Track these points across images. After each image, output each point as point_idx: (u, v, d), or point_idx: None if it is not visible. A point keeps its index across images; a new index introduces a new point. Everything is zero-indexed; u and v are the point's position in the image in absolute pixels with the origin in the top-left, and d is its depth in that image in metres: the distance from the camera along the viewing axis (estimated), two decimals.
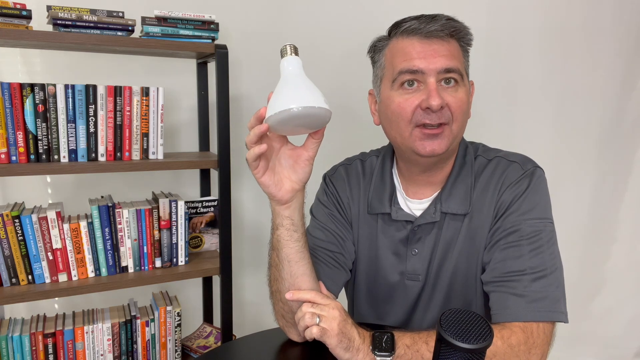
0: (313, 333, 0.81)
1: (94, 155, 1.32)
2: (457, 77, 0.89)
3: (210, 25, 1.40)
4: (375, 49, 0.98)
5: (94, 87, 1.29)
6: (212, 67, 1.54)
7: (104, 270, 1.37)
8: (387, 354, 0.79)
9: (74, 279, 1.34)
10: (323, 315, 0.82)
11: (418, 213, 0.98)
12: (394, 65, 0.91)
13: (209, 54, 1.44)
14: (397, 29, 0.92)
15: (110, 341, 1.38)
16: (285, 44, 0.78)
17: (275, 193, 0.82)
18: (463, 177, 0.96)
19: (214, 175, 1.66)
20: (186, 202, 1.44)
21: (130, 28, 1.31)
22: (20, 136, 1.24)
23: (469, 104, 0.93)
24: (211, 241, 1.60)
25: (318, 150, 0.82)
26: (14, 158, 1.24)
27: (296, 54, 0.78)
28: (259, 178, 0.81)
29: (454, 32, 0.89)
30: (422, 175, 0.97)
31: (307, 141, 0.81)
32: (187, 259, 1.47)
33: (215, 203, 1.58)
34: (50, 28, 1.28)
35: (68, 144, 1.29)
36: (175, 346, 1.48)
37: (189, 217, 1.53)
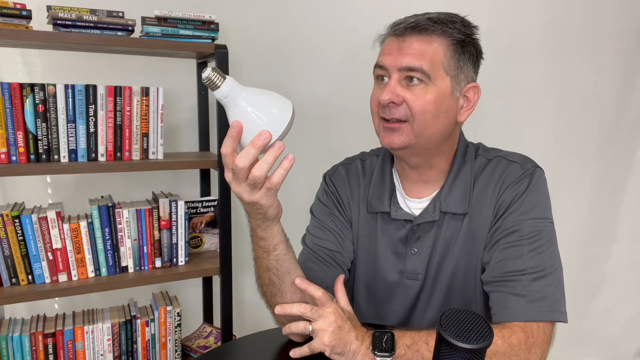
0: (305, 352, 0.82)
1: (94, 155, 1.32)
2: (421, 77, 0.86)
3: (210, 25, 1.40)
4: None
5: (94, 87, 1.29)
6: None
7: (104, 270, 1.37)
8: (387, 354, 0.79)
9: (74, 279, 1.34)
10: (317, 323, 0.82)
11: (417, 212, 0.98)
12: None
13: (209, 54, 1.44)
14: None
15: (110, 341, 1.38)
16: (207, 75, 0.67)
17: (279, 208, 0.79)
18: (462, 176, 0.96)
19: (214, 175, 1.66)
20: (186, 202, 1.44)
21: (130, 28, 1.31)
22: (20, 136, 1.24)
23: (443, 105, 0.88)
24: (211, 241, 1.60)
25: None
26: (14, 158, 1.25)
27: (224, 76, 0.69)
28: (272, 197, 0.74)
29: (426, 28, 0.87)
30: (411, 171, 0.98)
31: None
32: (187, 259, 1.47)
33: (215, 203, 1.58)
34: (50, 28, 1.28)
35: (68, 144, 1.29)
36: (175, 346, 1.48)
37: (189, 217, 1.53)
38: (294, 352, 0.84)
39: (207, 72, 0.67)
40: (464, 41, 0.89)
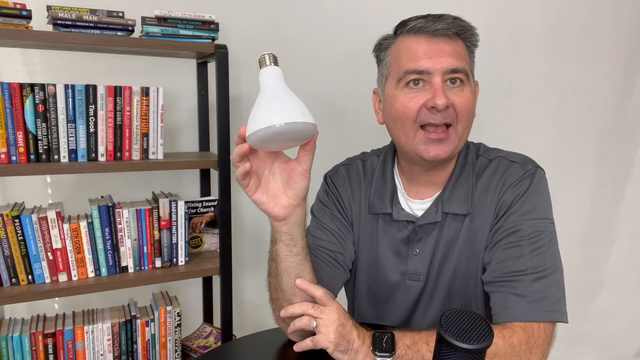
0: (308, 345, 0.82)
1: (94, 155, 1.32)
2: (463, 77, 0.89)
3: (210, 25, 1.40)
4: (381, 47, 0.98)
5: (94, 87, 1.29)
6: (212, 67, 1.54)
7: (104, 270, 1.37)
8: (387, 354, 0.79)
9: (74, 279, 1.34)
10: (321, 319, 0.82)
11: (419, 213, 0.98)
12: (400, 64, 0.91)
13: (209, 54, 1.44)
14: (404, 27, 0.92)
15: (110, 341, 1.38)
16: (263, 53, 0.73)
17: (270, 210, 0.79)
18: (464, 177, 0.96)
19: (214, 175, 1.66)
20: (186, 202, 1.44)
21: (130, 28, 1.31)
22: (20, 136, 1.24)
23: (475, 105, 0.94)
24: (211, 241, 1.60)
25: (313, 162, 0.78)
26: (14, 158, 1.24)
27: (275, 63, 0.73)
28: (251, 196, 0.77)
29: (460, 31, 0.90)
30: (424, 175, 0.97)
31: (299, 154, 0.77)
32: (187, 259, 1.47)
33: (215, 203, 1.58)
34: (50, 28, 1.28)
35: (68, 144, 1.28)
36: (175, 346, 1.48)
37: (189, 217, 1.53)
38: (298, 347, 0.85)
39: (264, 53, 0.73)
40: (475, 42, 0.94)
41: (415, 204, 0.99)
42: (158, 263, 1.43)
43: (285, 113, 0.67)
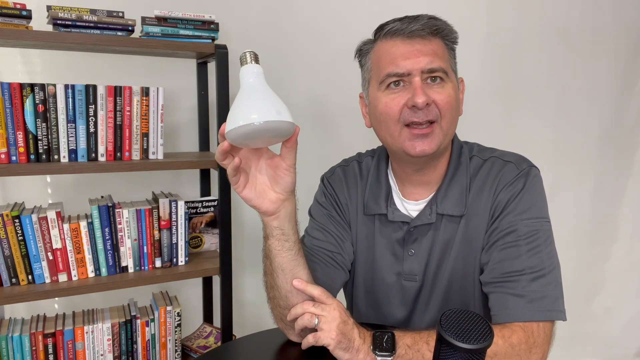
0: (309, 342, 0.82)
1: (94, 155, 1.32)
2: (442, 75, 0.89)
3: (210, 25, 1.40)
4: (362, 53, 0.99)
5: (94, 87, 1.29)
6: (212, 67, 1.54)
7: (104, 270, 1.37)
8: (387, 353, 0.79)
9: (74, 279, 1.34)
10: (323, 316, 0.82)
11: (414, 214, 0.98)
12: (380, 68, 0.92)
13: (209, 54, 1.44)
14: (381, 31, 0.93)
15: (110, 341, 1.38)
16: (244, 51, 0.74)
17: (259, 205, 0.80)
18: (458, 178, 0.96)
19: (214, 175, 1.66)
20: (186, 202, 1.44)
21: (130, 28, 1.31)
22: (20, 136, 1.24)
23: (458, 100, 0.93)
24: (211, 241, 1.60)
25: (297, 158, 0.78)
26: (14, 158, 1.24)
27: (256, 61, 0.73)
28: (240, 192, 0.79)
29: (436, 30, 0.90)
30: (415, 175, 0.97)
31: (281, 150, 0.78)
32: (187, 259, 1.47)
33: (215, 203, 1.58)
34: (50, 28, 1.28)
35: (68, 144, 1.29)
36: (175, 346, 1.48)
37: (189, 217, 1.53)
38: (303, 345, 0.85)
39: (245, 51, 0.73)
40: (454, 40, 0.94)
41: (410, 204, 0.99)
42: (158, 263, 1.43)
43: (261, 111, 0.68)
